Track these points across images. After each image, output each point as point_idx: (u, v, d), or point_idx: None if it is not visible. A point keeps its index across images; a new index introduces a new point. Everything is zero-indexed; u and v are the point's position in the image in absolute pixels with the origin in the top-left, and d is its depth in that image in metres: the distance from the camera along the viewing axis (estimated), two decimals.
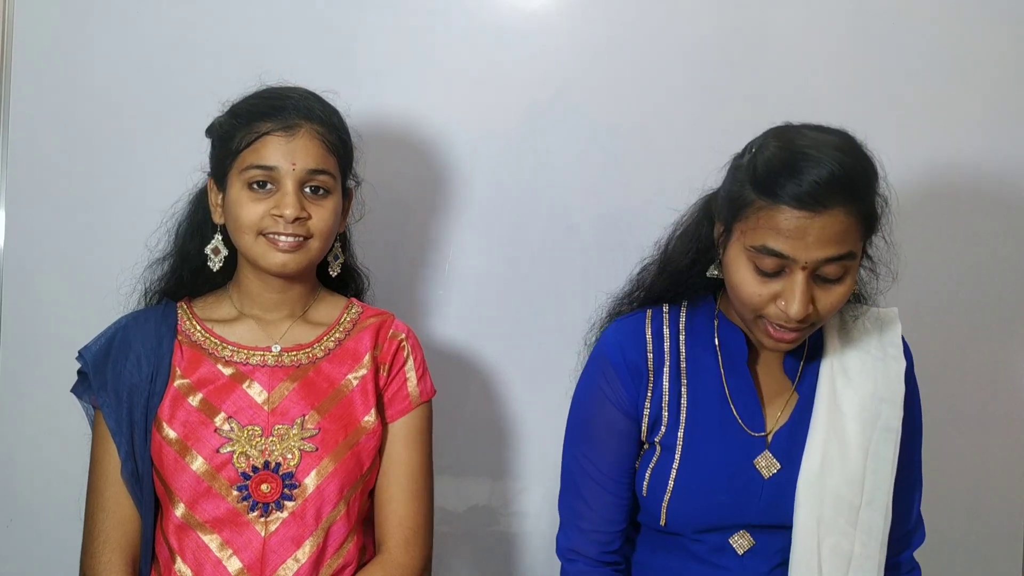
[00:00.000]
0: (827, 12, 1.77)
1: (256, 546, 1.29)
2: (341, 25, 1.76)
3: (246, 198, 1.32)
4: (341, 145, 1.38)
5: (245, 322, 1.39)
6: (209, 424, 1.32)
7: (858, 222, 1.18)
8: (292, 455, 1.31)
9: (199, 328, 1.39)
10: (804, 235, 1.15)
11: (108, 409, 1.33)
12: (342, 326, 1.42)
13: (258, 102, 1.35)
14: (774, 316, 1.21)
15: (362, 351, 1.39)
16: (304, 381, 1.36)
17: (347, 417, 1.35)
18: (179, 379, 1.34)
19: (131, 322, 1.40)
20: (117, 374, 1.34)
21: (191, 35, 1.75)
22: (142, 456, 1.32)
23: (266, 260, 1.32)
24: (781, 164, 1.17)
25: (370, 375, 1.38)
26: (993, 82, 1.78)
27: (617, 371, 1.33)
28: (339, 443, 1.33)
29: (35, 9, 1.75)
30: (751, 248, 1.19)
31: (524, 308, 1.78)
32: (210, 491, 1.30)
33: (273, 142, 1.31)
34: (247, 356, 1.36)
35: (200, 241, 1.41)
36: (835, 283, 1.20)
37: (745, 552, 1.30)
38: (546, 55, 1.77)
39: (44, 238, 1.76)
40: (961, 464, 1.75)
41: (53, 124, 1.75)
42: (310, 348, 1.38)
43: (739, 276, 1.22)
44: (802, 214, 1.15)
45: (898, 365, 1.31)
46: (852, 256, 1.19)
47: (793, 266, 1.17)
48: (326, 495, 1.32)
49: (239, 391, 1.34)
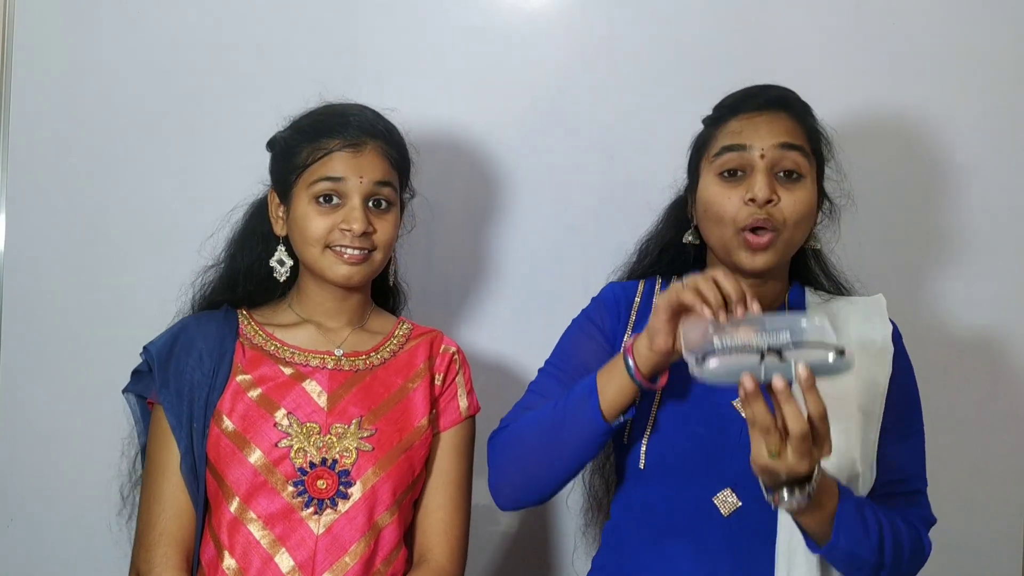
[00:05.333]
0: (827, 12, 1.77)
1: (309, 544, 1.30)
2: (341, 25, 1.76)
3: (313, 212, 1.35)
4: (402, 160, 1.43)
5: (306, 328, 1.42)
6: (268, 418, 1.33)
7: (802, 129, 1.32)
8: (349, 453, 1.33)
9: (260, 332, 1.41)
10: (756, 127, 1.30)
11: (169, 404, 1.35)
12: (396, 339, 1.46)
13: (324, 119, 1.39)
14: (745, 217, 1.27)
15: (417, 361, 1.43)
16: (362, 385, 1.39)
17: (402, 421, 1.38)
18: (240, 374, 1.37)
19: (194, 321, 1.42)
20: (179, 371, 1.36)
21: (191, 36, 1.75)
22: (199, 452, 1.34)
23: (333, 272, 1.36)
24: (727, 97, 1.37)
25: (425, 383, 1.42)
26: (994, 82, 1.78)
27: (604, 303, 1.40)
28: (394, 445, 1.36)
29: (36, 9, 1.75)
30: (713, 159, 1.32)
31: (523, 308, 1.78)
32: (266, 485, 1.31)
33: (341, 158, 1.35)
34: (307, 358, 1.39)
35: (265, 252, 1.44)
36: (794, 182, 1.29)
37: (731, 514, 1.27)
38: (546, 55, 1.77)
39: (44, 238, 1.76)
40: (961, 464, 1.75)
41: (54, 125, 1.76)
42: (368, 355, 1.42)
43: (708, 193, 1.32)
44: (748, 114, 1.31)
45: (882, 342, 1.33)
46: (804, 152, 1.30)
47: (753, 158, 1.28)
48: (380, 496, 1.33)
49: (298, 388, 1.36)
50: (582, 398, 1.23)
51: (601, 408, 1.21)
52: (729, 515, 1.27)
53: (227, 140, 1.73)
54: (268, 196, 1.44)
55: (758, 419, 1.06)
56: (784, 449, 1.06)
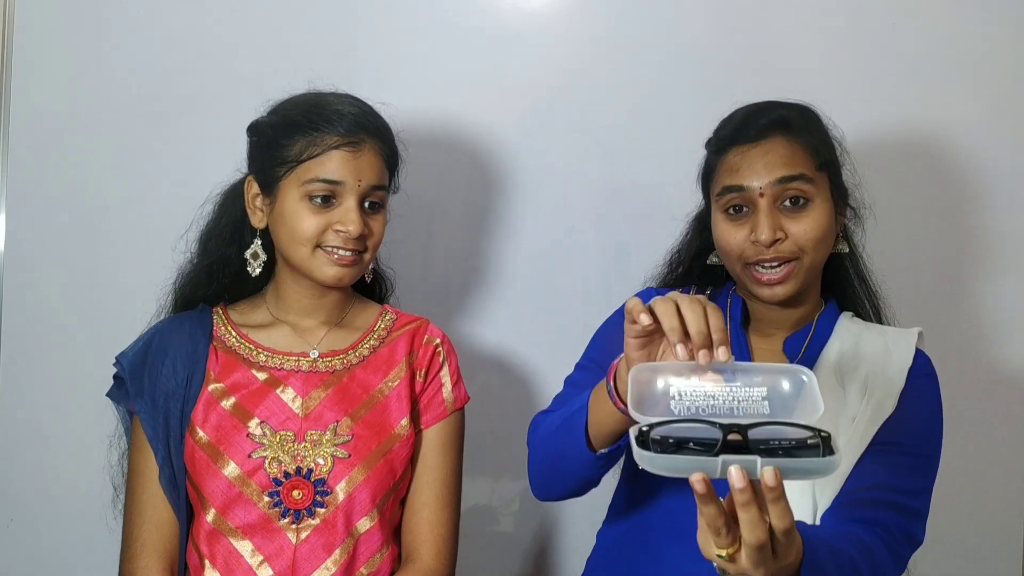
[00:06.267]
0: (827, 12, 1.77)
1: (288, 554, 1.28)
2: (341, 25, 1.76)
3: (305, 210, 1.30)
4: (393, 157, 1.38)
5: (280, 328, 1.38)
6: (242, 429, 1.31)
7: (803, 149, 1.27)
8: (324, 461, 1.30)
9: (234, 334, 1.38)
10: (752, 163, 1.26)
11: (145, 415, 1.32)
12: (376, 333, 1.41)
13: (317, 110, 1.32)
14: (753, 255, 1.26)
15: (397, 357, 1.39)
16: (338, 387, 1.35)
17: (381, 424, 1.34)
18: (213, 383, 1.33)
19: (167, 327, 1.39)
20: (153, 380, 1.33)
21: (191, 36, 1.75)
22: (177, 462, 1.32)
23: (322, 273, 1.31)
24: (724, 121, 1.33)
25: (405, 381, 1.37)
26: (995, 82, 1.78)
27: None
28: (372, 450, 1.32)
29: (36, 9, 1.75)
30: (717, 197, 1.30)
31: (523, 309, 1.78)
32: (242, 496, 1.28)
33: (339, 157, 1.30)
34: (281, 361, 1.35)
35: (240, 244, 1.39)
36: (800, 209, 1.26)
37: None
38: (546, 55, 1.77)
39: (44, 238, 1.76)
40: (961, 464, 1.75)
41: (53, 124, 1.75)
42: (344, 354, 1.38)
43: (717, 229, 1.31)
44: (743, 147, 1.27)
45: (902, 363, 1.29)
46: (806, 179, 1.25)
47: (753, 196, 1.26)
48: (357, 502, 1.30)
49: (273, 396, 1.33)
50: (574, 417, 1.18)
51: (589, 435, 1.14)
52: None
53: (227, 140, 1.72)
54: (245, 184, 1.38)
55: (709, 519, 0.88)
56: (736, 553, 0.90)
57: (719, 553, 0.90)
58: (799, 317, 1.33)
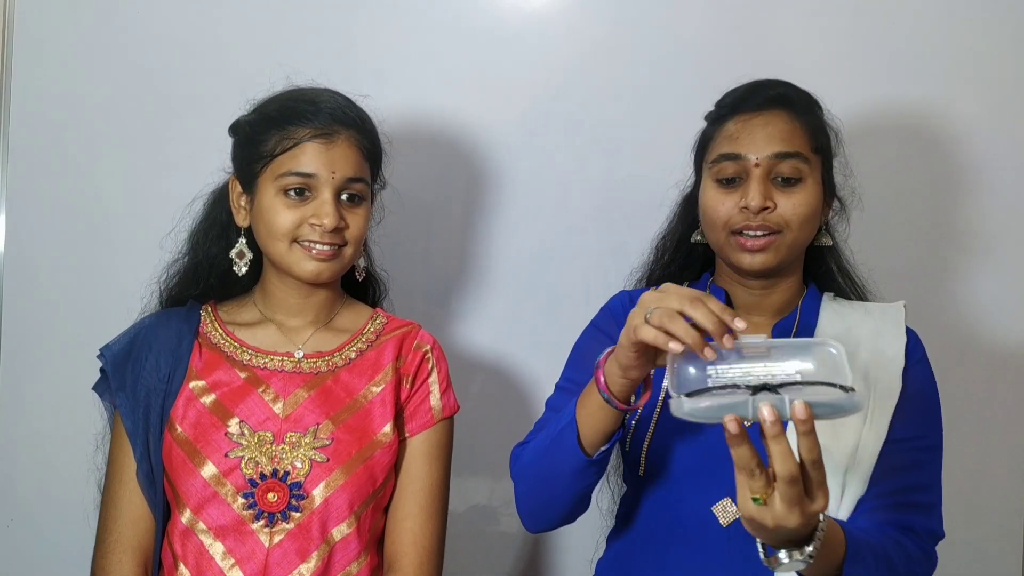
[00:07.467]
0: (827, 12, 1.77)
1: (259, 557, 1.25)
2: (341, 25, 1.76)
3: (281, 204, 1.29)
4: (374, 149, 1.36)
5: (267, 327, 1.37)
6: (220, 427, 1.29)
7: (803, 128, 1.29)
8: (302, 464, 1.28)
9: (220, 331, 1.36)
10: (752, 133, 1.28)
11: (125, 409, 1.31)
12: (365, 336, 1.39)
13: (291, 104, 1.32)
14: (740, 221, 1.26)
15: (383, 362, 1.36)
16: (321, 389, 1.33)
17: (362, 429, 1.32)
18: (195, 380, 1.32)
19: (154, 321, 1.38)
20: (136, 375, 1.32)
21: (191, 37, 1.75)
22: (156, 458, 1.30)
23: (300, 268, 1.30)
24: (726, 94, 1.35)
25: (390, 387, 1.35)
26: (995, 82, 1.78)
27: (613, 312, 1.38)
28: (352, 455, 1.30)
29: (35, 10, 1.75)
30: (711, 164, 1.30)
31: (523, 309, 1.78)
32: (216, 496, 1.27)
33: (312, 149, 1.28)
34: (265, 361, 1.34)
35: (226, 244, 1.38)
36: (792, 186, 1.27)
37: (729, 524, 1.25)
38: (546, 55, 1.77)
39: (44, 238, 1.76)
40: (961, 464, 1.75)
41: (53, 125, 1.76)
42: (330, 356, 1.36)
43: (705, 197, 1.31)
44: (745, 116, 1.29)
45: (893, 355, 1.29)
46: (802, 158, 1.27)
47: (748, 166, 1.27)
48: (333, 508, 1.28)
49: (254, 395, 1.31)
50: (563, 431, 1.18)
51: (581, 441, 1.15)
52: (728, 525, 1.25)
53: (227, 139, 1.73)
54: (229, 184, 1.38)
55: (742, 461, 0.93)
56: (771, 495, 0.93)
57: (754, 497, 0.93)
58: (783, 302, 1.34)
